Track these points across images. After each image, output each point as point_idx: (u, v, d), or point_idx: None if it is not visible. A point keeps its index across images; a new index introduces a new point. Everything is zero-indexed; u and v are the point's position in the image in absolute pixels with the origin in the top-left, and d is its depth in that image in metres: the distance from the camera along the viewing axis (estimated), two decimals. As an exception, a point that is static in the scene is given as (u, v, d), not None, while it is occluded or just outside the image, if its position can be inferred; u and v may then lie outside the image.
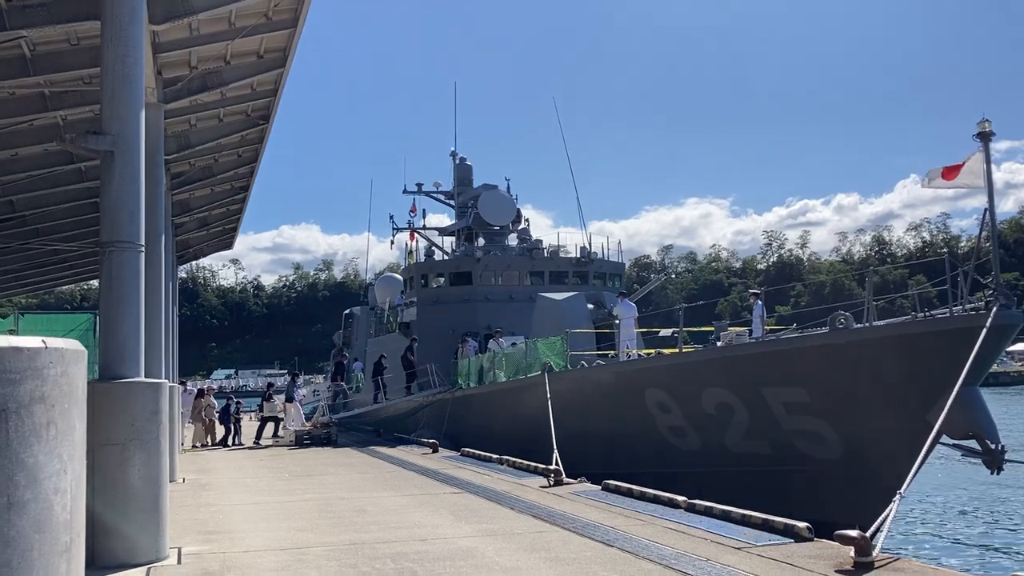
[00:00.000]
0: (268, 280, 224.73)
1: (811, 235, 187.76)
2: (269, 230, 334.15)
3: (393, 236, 41.13)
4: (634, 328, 22.44)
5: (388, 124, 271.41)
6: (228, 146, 20.61)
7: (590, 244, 34.19)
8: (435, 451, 21.86)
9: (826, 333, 14.61)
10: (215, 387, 32.93)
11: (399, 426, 30.30)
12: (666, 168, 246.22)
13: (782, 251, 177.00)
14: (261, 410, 30.12)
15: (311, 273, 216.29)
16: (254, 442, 27.09)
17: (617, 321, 22.23)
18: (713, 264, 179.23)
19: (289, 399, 29.00)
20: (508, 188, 38.26)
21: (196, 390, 29.52)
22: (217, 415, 28.76)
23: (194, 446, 26.41)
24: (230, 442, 27.17)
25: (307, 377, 78.12)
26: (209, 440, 26.91)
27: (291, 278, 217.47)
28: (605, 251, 34.64)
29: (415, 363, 29.71)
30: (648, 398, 17.96)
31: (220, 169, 22.83)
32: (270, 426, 28.92)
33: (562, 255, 35.17)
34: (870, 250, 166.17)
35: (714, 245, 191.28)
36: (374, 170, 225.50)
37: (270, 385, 29.53)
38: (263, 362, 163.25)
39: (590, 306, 27.07)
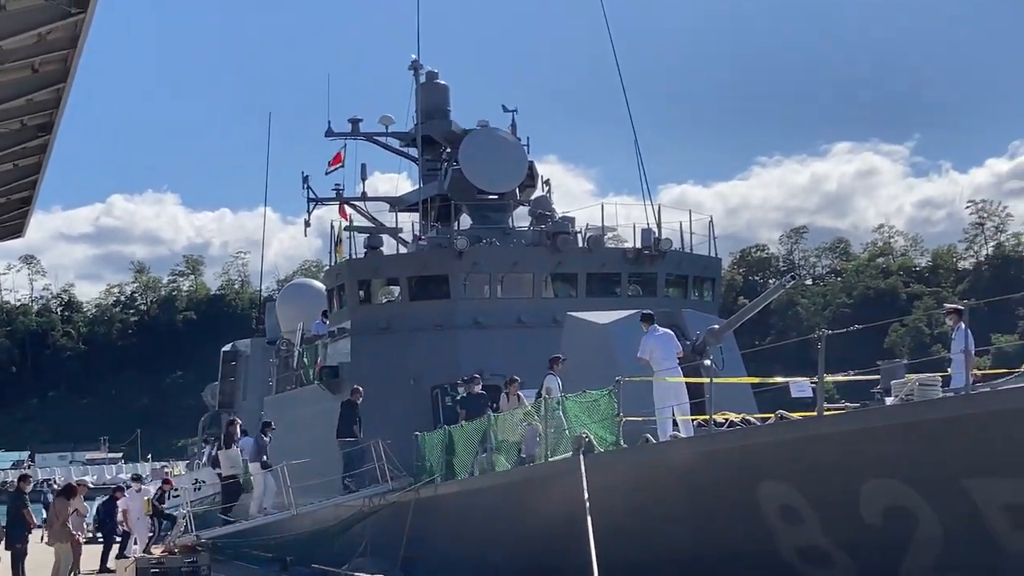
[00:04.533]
0: (88, 292, 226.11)
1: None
2: (91, 203, 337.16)
3: (309, 213, 41.36)
4: (678, 375, 22.34)
5: (298, 17, 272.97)
6: (16, 51, 20.81)
7: (660, 225, 34.37)
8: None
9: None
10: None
11: (322, 550, 30.39)
12: (793, 89, 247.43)
13: (1003, 236, 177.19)
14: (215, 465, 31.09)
15: (164, 280, 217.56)
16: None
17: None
18: (879, 260, 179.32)
19: (261, 462, 30.30)
20: (513, 127, 38.48)
21: (65, 486, 30.44)
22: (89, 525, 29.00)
23: None
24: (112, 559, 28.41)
25: (159, 465, 78.68)
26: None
27: (129, 289, 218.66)
28: (686, 237, 34.83)
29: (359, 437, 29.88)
30: (764, 498, 18.03)
31: (1, 90, 23.02)
32: None
33: (611, 244, 35.21)
34: None
35: (881, 226, 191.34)
36: (274, 97, 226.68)
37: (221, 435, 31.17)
38: (80, 438, 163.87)
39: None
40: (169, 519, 31.17)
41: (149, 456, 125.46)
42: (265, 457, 30.78)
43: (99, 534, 30.71)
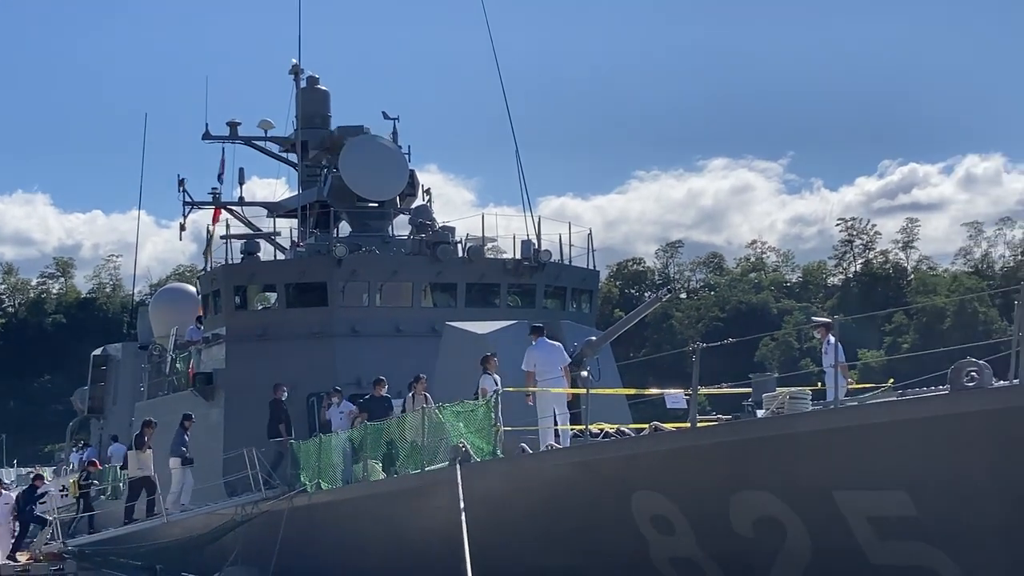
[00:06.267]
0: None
1: (922, 227, 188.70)
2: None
3: (185, 217, 40.83)
4: (565, 388, 22.49)
5: (176, 17, 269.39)
6: None
7: (539, 237, 34.58)
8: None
9: (946, 395, 15.14)
10: None
11: (193, 559, 29.95)
12: (671, 104, 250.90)
13: (871, 254, 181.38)
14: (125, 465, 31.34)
15: (33, 282, 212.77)
16: None
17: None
18: (752, 275, 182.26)
19: (181, 456, 29.99)
20: (394, 135, 38.42)
21: None
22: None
23: None
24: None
25: (25, 471, 76.87)
26: None
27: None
28: (565, 249, 35.12)
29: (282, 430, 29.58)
30: (637, 509, 18.22)
31: None
32: None
33: (490, 255, 35.34)
34: (1022, 253, 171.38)
35: (755, 242, 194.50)
36: (150, 98, 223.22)
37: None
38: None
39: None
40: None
41: (15, 462, 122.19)
42: (185, 451, 30.16)
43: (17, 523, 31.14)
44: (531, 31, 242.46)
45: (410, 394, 26.38)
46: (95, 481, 35.22)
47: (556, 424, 21.98)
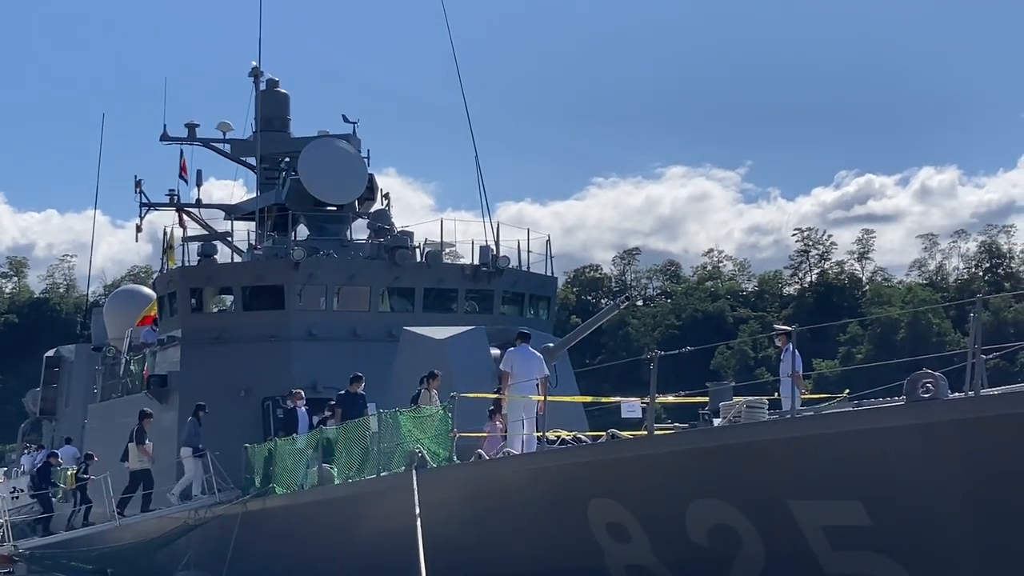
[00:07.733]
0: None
1: (877, 238, 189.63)
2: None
3: (141, 218, 40.60)
4: (537, 397, 22.39)
5: (135, 17, 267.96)
6: None
7: (498, 243, 34.64)
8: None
9: (901, 406, 15.24)
10: None
11: (145, 563, 29.76)
12: (629, 111, 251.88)
13: (826, 264, 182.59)
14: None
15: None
16: None
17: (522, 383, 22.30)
18: (708, 283, 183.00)
19: (194, 447, 29.56)
20: (353, 138, 38.32)
21: None
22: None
23: None
24: None
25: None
26: None
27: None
28: (523, 255, 35.16)
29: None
30: (593, 516, 18.24)
31: None
32: None
33: (449, 260, 35.32)
34: (976, 266, 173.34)
35: (711, 250, 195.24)
36: (108, 98, 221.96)
37: None
38: None
39: (496, 351, 27.25)
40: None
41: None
42: (200, 444, 29.84)
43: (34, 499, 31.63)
44: (491, 37, 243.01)
45: (423, 389, 25.49)
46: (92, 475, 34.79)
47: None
